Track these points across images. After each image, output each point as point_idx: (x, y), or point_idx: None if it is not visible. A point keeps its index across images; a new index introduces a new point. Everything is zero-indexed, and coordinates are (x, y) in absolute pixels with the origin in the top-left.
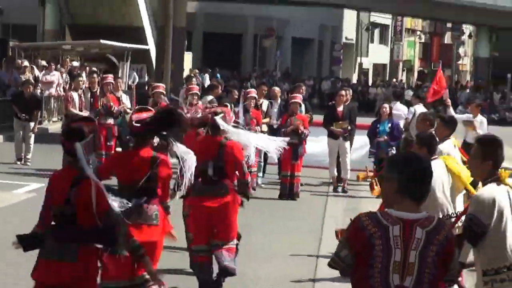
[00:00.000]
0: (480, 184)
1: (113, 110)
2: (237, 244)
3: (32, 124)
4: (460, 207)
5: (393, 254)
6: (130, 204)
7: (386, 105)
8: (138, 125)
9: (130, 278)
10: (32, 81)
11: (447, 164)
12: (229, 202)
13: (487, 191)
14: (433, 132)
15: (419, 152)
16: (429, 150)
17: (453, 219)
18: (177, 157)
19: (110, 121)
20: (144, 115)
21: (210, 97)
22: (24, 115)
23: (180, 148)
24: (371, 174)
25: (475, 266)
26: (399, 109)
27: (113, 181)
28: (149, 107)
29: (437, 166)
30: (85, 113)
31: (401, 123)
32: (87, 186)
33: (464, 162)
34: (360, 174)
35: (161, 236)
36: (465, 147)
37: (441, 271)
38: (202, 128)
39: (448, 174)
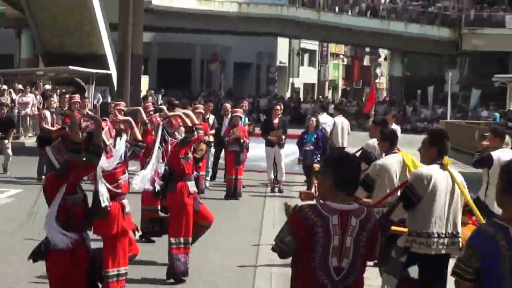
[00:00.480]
0: None
1: (80, 125)
2: None
3: (6, 141)
4: None
5: (332, 240)
6: None
7: (313, 118)
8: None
9: None
10: (8, 103)
11: (405, 159)
12: None
13: (427, 169)
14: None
15: (381, 145)
16: (391, 143)
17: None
18: None
19: None
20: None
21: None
22: (0, 133)
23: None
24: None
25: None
26: (326, 119)
27: None
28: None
29: (395, 159)
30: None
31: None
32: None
33: None
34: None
35: None
36: None
37: (369, 253)
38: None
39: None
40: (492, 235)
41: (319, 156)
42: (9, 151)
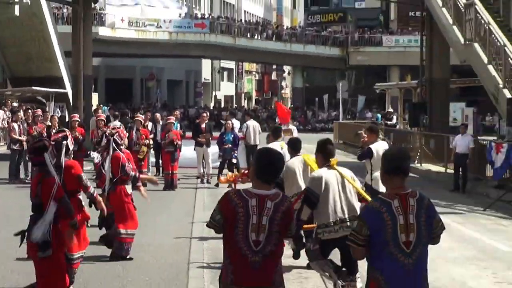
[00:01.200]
0: None
1: (43, 134)
2: None
3: None
4: None
5: (251, 218)
6: None
7: (230, 122)
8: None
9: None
10: None
11: (306, 160)
12: None
13: (318, 172)
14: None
15: (289, 150)
16: (293, 149)
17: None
18: None
19: None
20: (60, 135)
21: (117, 123)
22: None
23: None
24: (232, 178)
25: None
26: (235, 123)
27: None
28: (65, 129)
29: (297, 160)
30: (24, 137)
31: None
32: (50, 182)
33: None
34: (222, 179)
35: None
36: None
37: (284, 230)
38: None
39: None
40: (378, 209)
41: (236, 151)
42: None
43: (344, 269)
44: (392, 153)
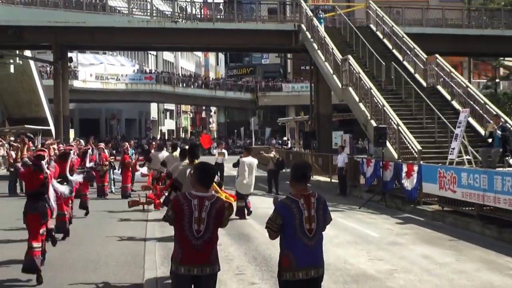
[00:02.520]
0: None
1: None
2: None
3: None
4: None
5: (193, 214)
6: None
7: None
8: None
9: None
10: None
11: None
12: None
13: (183, 165)
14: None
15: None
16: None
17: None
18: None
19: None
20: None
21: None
22: None
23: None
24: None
25: None
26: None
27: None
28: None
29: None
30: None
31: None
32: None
33: None
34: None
35: None
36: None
37: (219, 222)
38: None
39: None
40: (289, 205)
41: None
42: None
43: None
44: (299, 164)
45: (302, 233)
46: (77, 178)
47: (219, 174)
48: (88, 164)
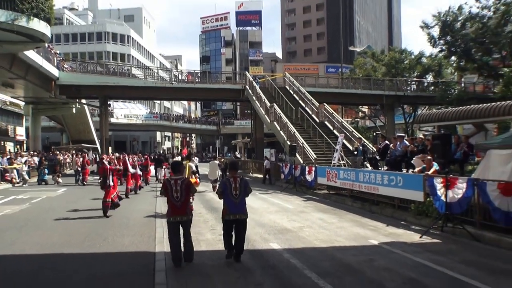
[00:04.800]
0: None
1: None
2: None
3: (56, 174)
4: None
5: (173, 188)
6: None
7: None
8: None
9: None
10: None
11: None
12: None
13: (211, 162)
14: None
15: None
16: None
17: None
18: None
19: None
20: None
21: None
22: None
23: None
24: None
25: None
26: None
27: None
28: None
29: (215, 162)
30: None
31: None
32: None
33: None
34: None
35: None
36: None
37: (187, 191)
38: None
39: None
40: (225, 181)
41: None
42: (59, 178)
43: None
44: (232, 162)
45: (231, 195)
46: (134, 170)
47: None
48: (131, 170)
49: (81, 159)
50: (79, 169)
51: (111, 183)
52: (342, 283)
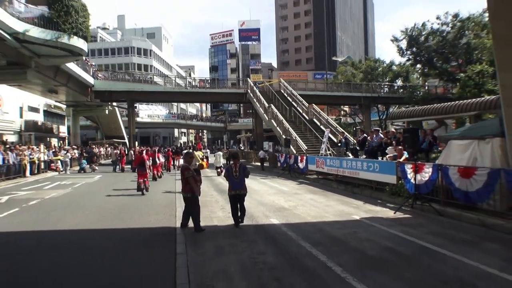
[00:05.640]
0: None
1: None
2: None
3: (94, 163)
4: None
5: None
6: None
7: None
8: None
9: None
10: (95, 151)
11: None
12: None
13: (217, 152)
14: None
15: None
16: (219, 150)
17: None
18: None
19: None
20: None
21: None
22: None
23: None
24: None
25: None
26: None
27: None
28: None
29: (220, 152)
30: (114, 157)
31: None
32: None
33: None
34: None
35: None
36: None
37: (198, 173)
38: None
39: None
40: (228, 167)
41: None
42: (96, 167)
43: None
44: (233, 152)
45: (233, 176)
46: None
47: (206, 156)
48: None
49: (118, 151)
50: (119, 158)
51: (144, 169)
52: (331, 251)
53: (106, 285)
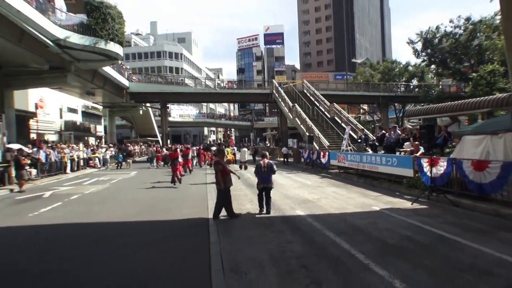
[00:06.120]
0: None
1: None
2: None
3: (129, 160)
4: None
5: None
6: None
7: (215, 147)
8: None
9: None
10: (131, 149)
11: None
12: None
13: (242, 149)
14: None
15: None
16: (244, 147)
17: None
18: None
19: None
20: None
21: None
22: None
23: None
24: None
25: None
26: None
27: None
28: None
29: (245, 149)
30: (149, 154)
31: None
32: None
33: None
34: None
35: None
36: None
37: (227, 165)
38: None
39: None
40: (258, 165)
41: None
42: (130, 162)
43: None
44: (263, 152)
45: (261, 172)
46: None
47: (233, 152)
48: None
49: (154, 148)
50: (157, 155)
51: (177, 164)
52: (353, 240)
53: (148, 270)
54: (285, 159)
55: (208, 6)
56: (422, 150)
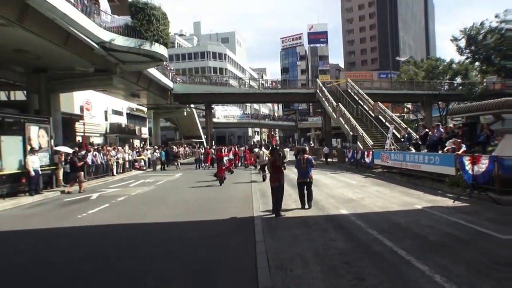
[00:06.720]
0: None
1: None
2: None
3: (176, 162)
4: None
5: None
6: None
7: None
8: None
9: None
10: (176, 151)
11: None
12: None
13: (285, 149)
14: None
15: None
16: (288, 148)
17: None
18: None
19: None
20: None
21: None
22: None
23: None
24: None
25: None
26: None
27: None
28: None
29: (287, 149)
30: (196, 156)
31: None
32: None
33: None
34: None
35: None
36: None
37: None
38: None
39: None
40: (297, 160)
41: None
42: (179, 164)
43: None
44: (300, 148)
45: (301, 167)
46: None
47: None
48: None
49: (202, 149)
50: (202, 157)
51: (223, 163)
52: (396, 237)
53: (198, 270)
54: (326, 159)
55: (252, 6)
56: (464, 148)
